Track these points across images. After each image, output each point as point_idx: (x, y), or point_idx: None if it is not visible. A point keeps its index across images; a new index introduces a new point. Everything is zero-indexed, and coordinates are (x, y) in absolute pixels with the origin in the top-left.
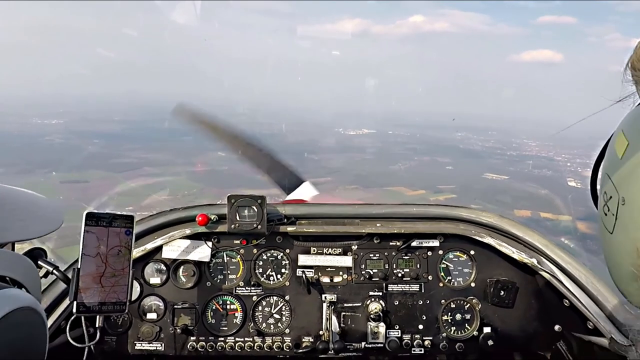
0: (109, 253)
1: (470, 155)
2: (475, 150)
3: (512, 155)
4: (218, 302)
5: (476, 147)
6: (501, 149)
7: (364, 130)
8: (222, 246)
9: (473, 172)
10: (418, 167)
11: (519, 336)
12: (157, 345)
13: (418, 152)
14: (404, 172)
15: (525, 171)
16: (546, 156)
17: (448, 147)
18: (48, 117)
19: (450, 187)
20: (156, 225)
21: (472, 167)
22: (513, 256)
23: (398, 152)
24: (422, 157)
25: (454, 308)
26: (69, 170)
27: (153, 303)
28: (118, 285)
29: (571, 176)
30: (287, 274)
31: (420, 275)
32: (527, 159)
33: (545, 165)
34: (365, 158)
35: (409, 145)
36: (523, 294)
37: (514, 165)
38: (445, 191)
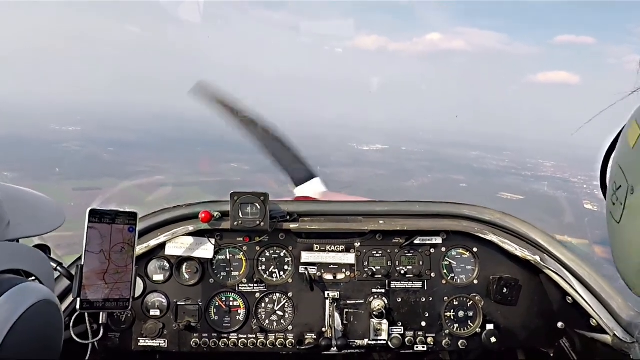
0: (112, 250)
1: (485, 174)
2: (489, 170)
3: (527, 175)
4: (221, 299)
5: (490, 166)
6: (516, 169)
7: (377, 146)
8: (225, 243)
9: (488, 191)
10: (432, 184)
11: (521, 333)
12: (160, 342)
13: (432, 170)
14: (417, 189)
15: (541, 192)
16: (562, 177)
17: (462, 166)
18: (66, 124)
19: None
20: (159, 222)
21: (486, 186)
22: (516, 253)
23: (411, 169)
24: (436, 174)
25: (457, 305)
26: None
27: (156, 300)
28: (121, 282)
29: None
30: (290, 271)
31: (423, 272)
32: (542, 179)
33: (560, 186)
34: (378, 173)
35: (423, 162)
36: (526, 291)
37: (529, 186)
38: None
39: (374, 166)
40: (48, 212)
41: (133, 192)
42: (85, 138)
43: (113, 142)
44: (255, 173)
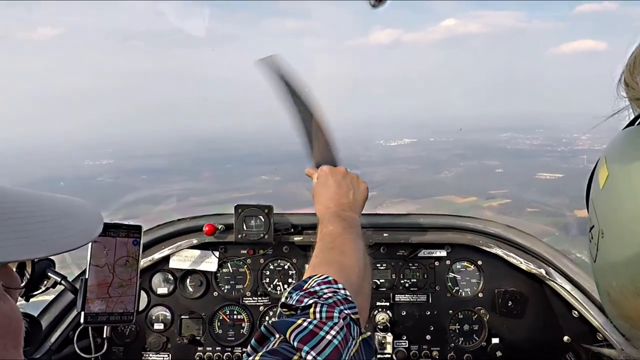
0: (117, 263)
1: (520, 155)
2: (523, 150)
3: (563, 151)
4: (225, 312)
5: (524, 146)
6: (551, 146)
7: (405, 140)
8: (229, 256)
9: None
10: (466, 172)
11: (527, 347)
12: (164, 356)
13: (464, 158)
14: (452, 179)
15: (581, 166)
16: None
17: (495, 150)
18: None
19: (502, 192)
20: (163, 235)
21: (523, 168)
22: (521, 267)
23: (443, 160)
24: (468, 162)
25: (462, 319)
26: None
27: (160, 313)
28: (125, 295)
29: None
30: (294, 284)
31: (427, 285)
32: (580, 153)
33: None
34: (410, 168)
35: (454, 151)
36: (531, 305)
37: (567, 162)
38: (498, 196)
39: (405, 161)
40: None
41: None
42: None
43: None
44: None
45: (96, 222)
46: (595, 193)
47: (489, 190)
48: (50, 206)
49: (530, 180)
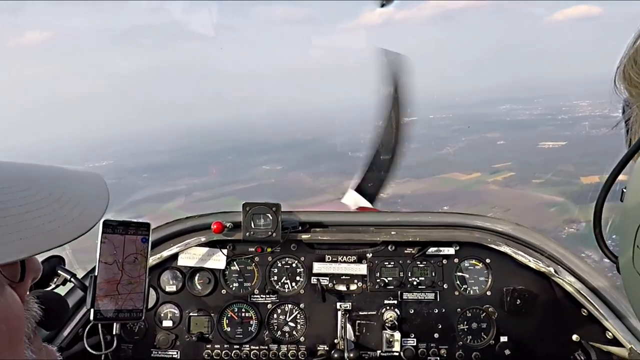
0: (126, 261)
1: (520, 126)
2: (524, 120)
3: (564, 119)
4: (233, 310)
5: (524, 116)
6: (552, 115)
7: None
8: (237, 254)
9: (527, 143)
10: (468, 148)
11: (536, 345)
12: (173, 353)
13: (465, 132)
14: (454, 155)
15: (583, 133)
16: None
17: (495, 122)
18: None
19: (506, 165)
20: (172, 233)
21: (525, 139)
22: (530, 265)
23: (444, 136)
24: (469, 136)
25: (470, 317)
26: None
27: (169, 311)
28: (134, 292)
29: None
30: (302, 281)
31: (435, 283)
32: (581, 120)
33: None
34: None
35: (454, 127)
36: (540, 303)
37: (569, 130)
38: (502, 170)
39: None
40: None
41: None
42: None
43: (147, 168)
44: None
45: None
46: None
47: (493, 164)
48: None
49: (533, 151)
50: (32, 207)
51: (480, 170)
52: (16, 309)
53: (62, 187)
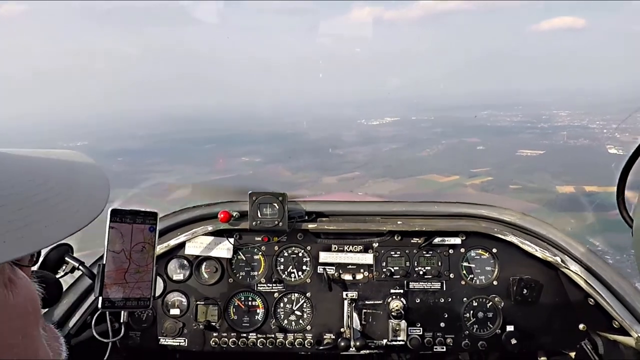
0: (133, 249)
1: (500, 132)
2: (504, 127)
3: (544, 127)
4: (240, 299)
5: (504, 123)
6: (531, 123)
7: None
8: (244, 243)
9: (506, 150)
10: (447, 150)
11: (542, 335)
12: (180, 341)
13: (445, 135)
14: (434, 157)
15: (561, 143)
16: (580, 125)
17: (475, 127)
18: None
19: (484, 170)
20: (179, 222)
21: (504, 145)
22: (536, 254)
23: (425, 138)
24: (449, 139)
25: (476, 306)
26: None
27: (176, 299)
28: (142, 281)
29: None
30: (308, 271)
31: (441, 273)
32: (560, 130)
33: (580, 134)
34: (392, 147)
35: (435, 129)
36: (546, 293)
37: (547, 139)
38: (480, 174)
39: (387, 141)
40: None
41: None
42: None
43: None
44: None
45: (101, 191)
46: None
47: (471, 168)
48: (48, 175)
49: (511, 157)
50: (48, 195)
51: (459, 173)
52: (34, 290)
53: (68, 172)
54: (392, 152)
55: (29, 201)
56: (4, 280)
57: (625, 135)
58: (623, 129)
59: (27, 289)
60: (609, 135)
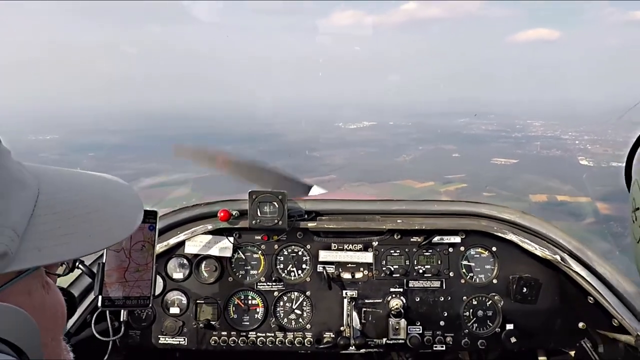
0: (133, 248)
1: (475, 140)
2: (479, 135)
3: (517, 137)
4: (240, 297)
5: (479, 131)
6: (506, 132)
7: (364, 123)
8: (244, 242)
9: (480, 158)
10: (423, 157)
11: (542, 333)
12: (180, 340)
13: (422, 141)
14: (410, 163)
15: (534, 153)
16: (553, 135)
17: (452, 134)
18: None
19: (459, 177)
20: (179, 221)
21: (479, 153)
22: (536, 253)
23: (401, 143)
24: (426, 146)
25: (476, 305)
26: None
27: (176, 298)
28: (142, 280)
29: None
30: (308, 269)
31: (441, 271)
32: (534, 140)
33: (553, 145)
34: (369, 152)
35: (412, 135)
36: (546, 291)
37: (521, 148)
38: (455, 181)
39: (364, 145)
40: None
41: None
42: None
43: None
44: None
45: (136, 209)
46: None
47: (446, 174)
48: (92, 191)
49: (486, 165)
50: (93, 209)
51: (434, 179)
52: (61, 298)
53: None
54: (368, 156)
55: (78, 211)
56: (42, 282)
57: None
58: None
59: (59, 294)
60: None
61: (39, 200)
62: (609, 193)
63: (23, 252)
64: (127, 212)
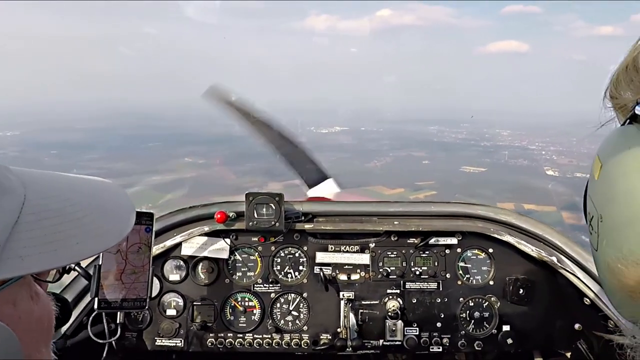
0: (129, 250)
1: (445, 148)
2: (449, 143)
3: (486, 146)
4: (236, 299)
5: (449, 139)
6: (475, 140)
7: (336, 128)
8: (240, 243)
9: (450, 165)
10: (394, 163)
11: (538, 335)
12: (176, 342)
13: (393, 148)
14: (380, 169)
15: (502, 162)
16: (520, 145)
17: (422, 141)
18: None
19: (429, 183)
20: (175, 223)
21: (448, 161)
22: (532, 254)
23: (373, 149)
24: (397, 152)
25: (473, 306)
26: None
27: (172, 300)
28: (138, 282)
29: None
30: (304, 271)
31: (438, 273)
32: (502, 149)
33: (520, 154)
34: (340, 157)
35: (383, 141)
36: (543, 293)
37: (489, 157)
38: (425, 187)
39: (336, 149)
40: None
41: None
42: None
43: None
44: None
45: (128, 214)
46: (592, 187)
47: (417, 181)
48: (82, 196)
49: (455, 173)
50: (81, 214)
51: (404, 186)
52: (50, 307)
53: (100, 196)
54: (339, 161)
55: (66, 217)
56: (31, 292)
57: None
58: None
59: (48, 305)
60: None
61: (24, 207)
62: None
63: (4, 261)
64: (118, 217)
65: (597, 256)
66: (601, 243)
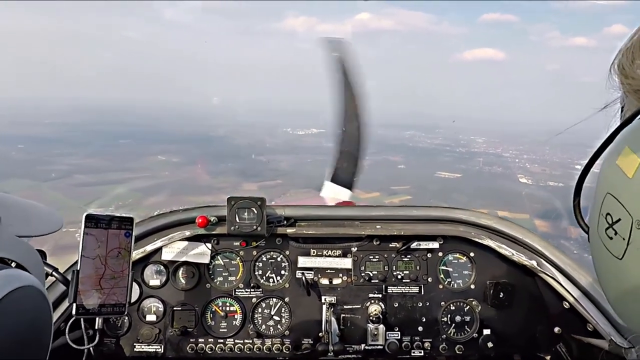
0: (109, 255)
1: (421, 153)
2: (425, 148)
3: (461, 152)
4: (217, 304)
5: (425, 144)
6: (450, 146)
7: (312, 130)
8: (222, 248)
9: (425, 171)
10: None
11: (518, 338)
12: (156, 347)
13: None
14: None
15: (477, 168)
16: (494, 152)
17: (398, 146)
18: None
19: (404, 188)
20: (156, 227)
21: (424, 166)
22: (512, 258)
23: None
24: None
25: (454, 310)
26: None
27: (152, 305)
28: (117, 287)
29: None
30: (286, 275)
31: (419, 277)
32: (476, 155)
33: (495, 162)
34: (317, 159)
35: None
36: (523, 296)
37: (464, 163)
38: (400, 192)
39: (312, 151)
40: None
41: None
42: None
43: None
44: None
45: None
46: (620, 186)
47: (392, 185)
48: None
49: (430, 178)
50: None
51: (379, 190)
52: None
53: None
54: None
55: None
56: None
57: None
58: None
59: None
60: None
61: None
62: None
63: None
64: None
65: (621, 266)
66: (634, 252)
